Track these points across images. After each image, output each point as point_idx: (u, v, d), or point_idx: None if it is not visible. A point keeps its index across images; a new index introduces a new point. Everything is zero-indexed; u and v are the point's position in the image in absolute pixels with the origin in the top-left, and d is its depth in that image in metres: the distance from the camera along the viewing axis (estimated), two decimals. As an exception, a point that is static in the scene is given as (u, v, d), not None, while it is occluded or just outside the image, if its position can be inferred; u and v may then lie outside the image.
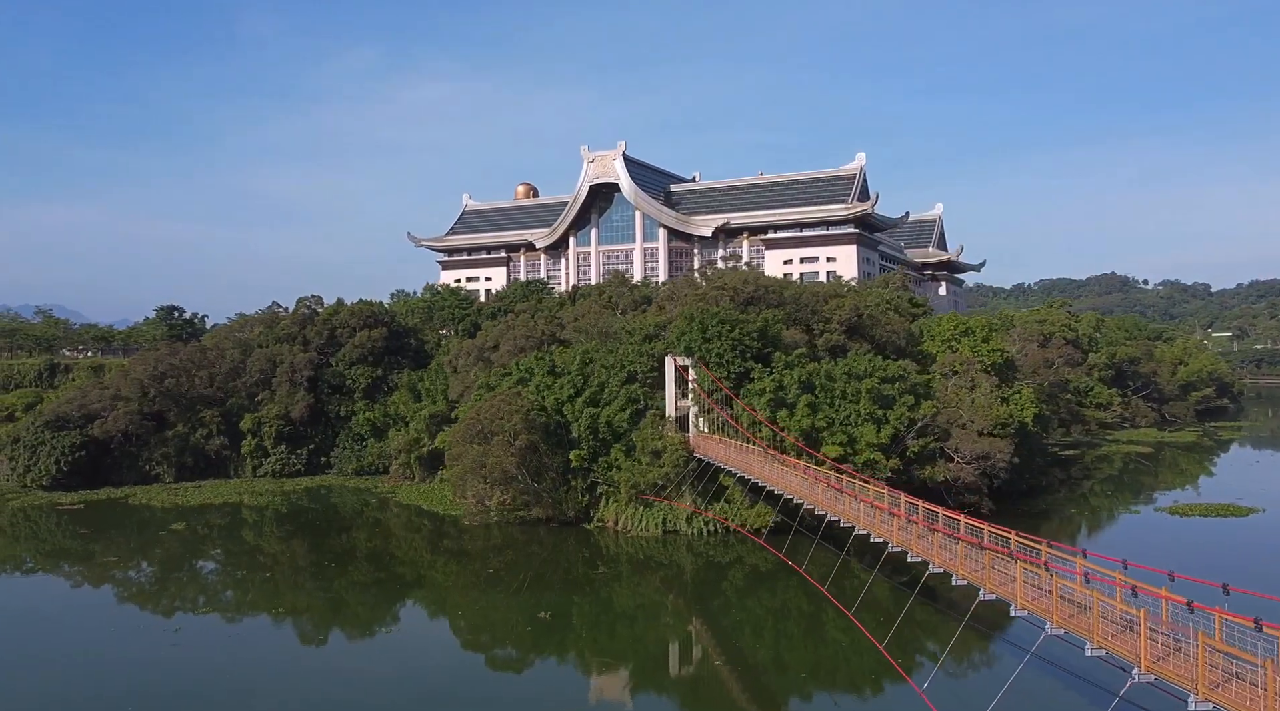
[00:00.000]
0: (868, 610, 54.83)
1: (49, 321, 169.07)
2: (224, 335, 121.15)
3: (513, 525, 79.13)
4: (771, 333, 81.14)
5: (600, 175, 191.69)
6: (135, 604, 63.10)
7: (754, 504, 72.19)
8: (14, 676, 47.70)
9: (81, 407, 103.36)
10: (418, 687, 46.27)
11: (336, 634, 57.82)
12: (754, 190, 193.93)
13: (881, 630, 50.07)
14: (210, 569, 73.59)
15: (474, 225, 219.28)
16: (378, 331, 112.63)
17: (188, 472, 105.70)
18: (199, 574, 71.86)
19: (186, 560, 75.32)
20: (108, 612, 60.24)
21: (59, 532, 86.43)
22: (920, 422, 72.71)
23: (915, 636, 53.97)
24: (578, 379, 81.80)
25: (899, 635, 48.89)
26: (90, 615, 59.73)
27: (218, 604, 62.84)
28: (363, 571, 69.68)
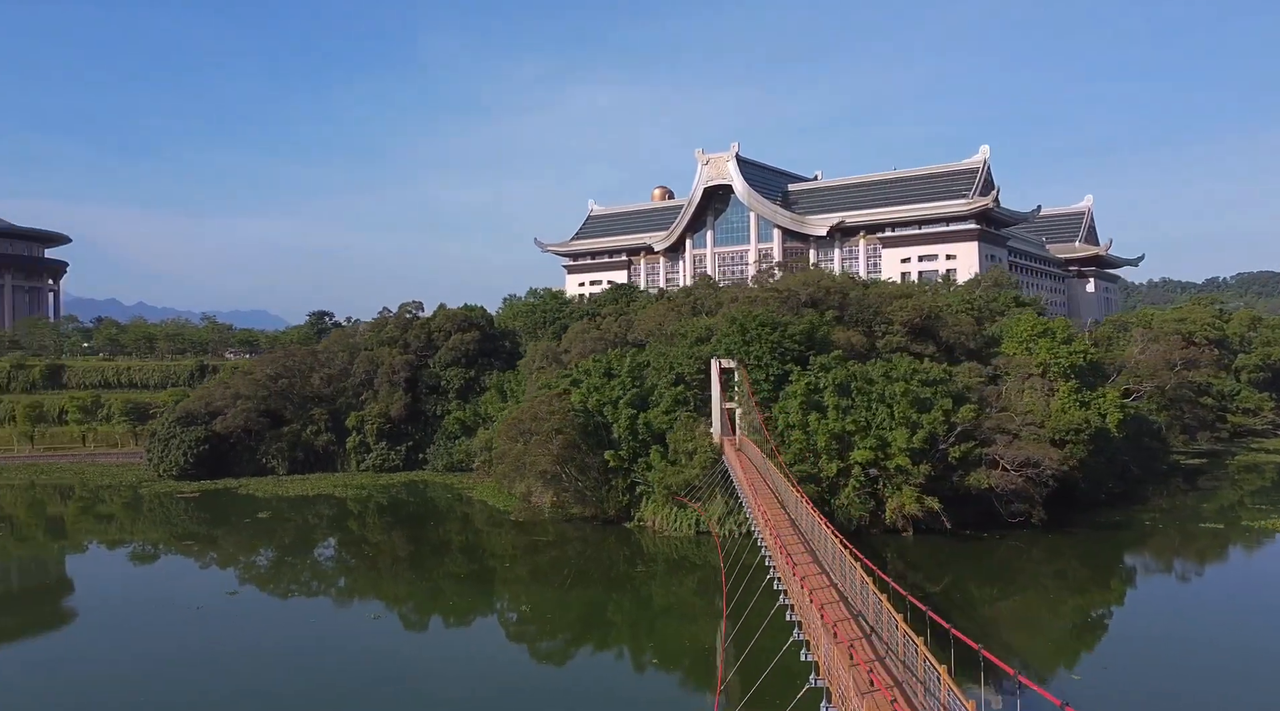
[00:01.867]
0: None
1: (210, 326, 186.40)
2: (336, 339, 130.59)
3: (560, 522, 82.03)
4: (819, 335, 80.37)
5: (714, 177, 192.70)
6: (254, 585, 68.23)
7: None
8: (165, 663, 50.07)
9: (207, 405, 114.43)
10: (460, 678, 47.96)
11: (401, 620, 61.62)
12: (871, 187, 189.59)
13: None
14: (325, 556, 78.65)
15: (598, 230, 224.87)
16: (470, 334, 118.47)
17: (299, 466, 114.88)
18: (313, 560, 77.04)
19: (300, 547, 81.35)
20: (233, 598, 64.01)
21: (186, 518, 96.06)
22: (959, 427, 70.25)
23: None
24: (627, 381, 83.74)
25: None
26: (217, 600, 63.25)
27: (329, 589, 67.76)
28: (438, 562, 73.83)
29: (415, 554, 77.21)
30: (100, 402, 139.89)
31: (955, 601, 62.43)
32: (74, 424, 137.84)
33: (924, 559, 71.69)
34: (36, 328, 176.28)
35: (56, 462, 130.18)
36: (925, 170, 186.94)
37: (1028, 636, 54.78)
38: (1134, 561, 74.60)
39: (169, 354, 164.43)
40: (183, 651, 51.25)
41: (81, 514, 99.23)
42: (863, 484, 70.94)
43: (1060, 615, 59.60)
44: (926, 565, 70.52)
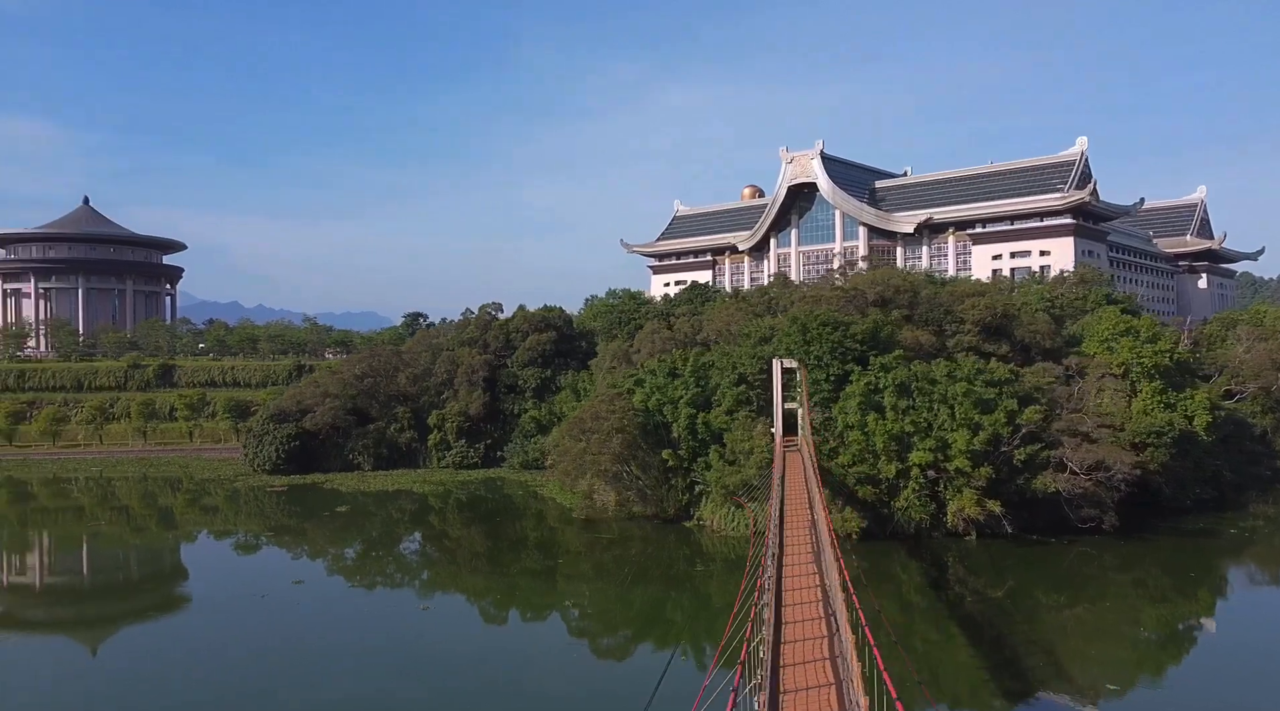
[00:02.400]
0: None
1: (310, 327, 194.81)
2: (420, 339, 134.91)
3: (622, 520, 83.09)
4: (883, 334, 79.19)
5: (798, 175, 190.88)
6: (342, 576, 71.31)
7: (841, 509, 71.26)
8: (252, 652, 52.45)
9: (299, 404, 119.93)
10: (523, 671, 49.06)
11: (474, 613, 63.76)
12: (961, 182, 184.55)
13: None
14: (409, 550, 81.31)
15: (683, 230, 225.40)
16: (546, 335, 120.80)
17: (383, 462, 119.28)
18: (396, 554, 79.83)
19: (384, 541, 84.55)
20: (322, 587, 67.32)
21: (277, 511, 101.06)
22: (1024, 429, 68.24)
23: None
24: (690, 381, 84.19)
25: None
26: (306, 589, 66.06)
27: (413, 582, 70.15)
28: (515, 558, 75.62)
29: (493, 549, 79.07)
30: (206, 400, 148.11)
31: (1020, 607, 60.88)
32: (182, 420, 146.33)
33: (986, 563, 69.92)
34: (153, 330, 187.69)
35: (165, 456, 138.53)
36: (1019, 163, 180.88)
37: (1102, 645, 52.71)
38: (1226, 570, 71.18)
39: (271, 354, 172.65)
40: (282, 635, 54.53)
41: (188, 506, 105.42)
42: (922, 486, 69.67)
43: (1140, 625, 57.29)
44: (988, 570, 68.80)
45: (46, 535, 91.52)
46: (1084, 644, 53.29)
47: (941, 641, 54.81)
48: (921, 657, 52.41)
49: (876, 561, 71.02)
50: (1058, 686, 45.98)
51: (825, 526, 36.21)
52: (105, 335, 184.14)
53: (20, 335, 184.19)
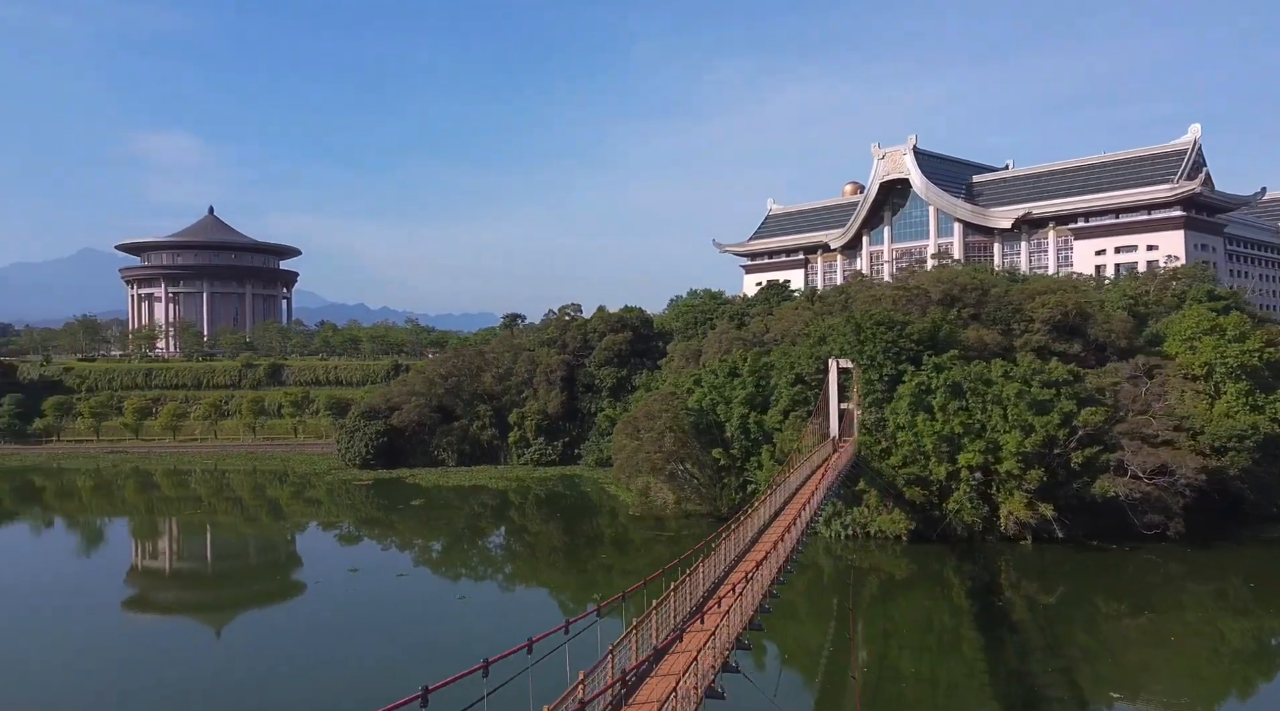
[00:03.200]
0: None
1: (412, 328, 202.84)
2: (502, 340, 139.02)
3: (680, 517, 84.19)
4: (941, 334, 77.79)
5: (890, 172, 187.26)
6: (427, 567, 75.35)
7: (890, 510, 70.63)
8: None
9: (387, 401, 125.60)
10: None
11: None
12: (1063, 175, 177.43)
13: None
14: (493, 543, 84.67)
15: (776, 229, 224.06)
16: (623, 335, 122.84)
17: (466, 458, 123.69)
18: (480, 547, 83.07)
19: (467, 534, 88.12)
20: (410, 576, 70.85)
21: (366, 504, 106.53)
22: (1080, 431, 66.02)
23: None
24: (748, 380, 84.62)
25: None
26: (396, 580, 69.57)
27: (495, 574, 73.20)
28: (591, 553, 77.72)
29: (570, 545, 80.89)
30: (310, 398, 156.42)
31: (1078, 615, 59.18)
32: (288, 417, 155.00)
33: (1041, 569, 68.15)
34: (267, 331, 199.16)
35: (271, 451, 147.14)
36: (1125, 154, 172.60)
37: (1173, 657, 50.98)
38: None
39: (373, 354, 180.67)
40: (388, 620, 57.81)
41: (293, 498, 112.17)
42: (973, 488, 68.30)
43: (1221, 638, 54.96)
44: (1042, 575, 67.04)
45: (172, 523, 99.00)
46: (1151, 654, 51.40)
47: (991, 646, 53.99)
48: (970, 663, 51.83)
49: (926, 564, 70.10)
50: (1125, 696, 44.74)
51: (795, 525, 36.88)
52: (224, 336, 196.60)
53: (150, 336, 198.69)
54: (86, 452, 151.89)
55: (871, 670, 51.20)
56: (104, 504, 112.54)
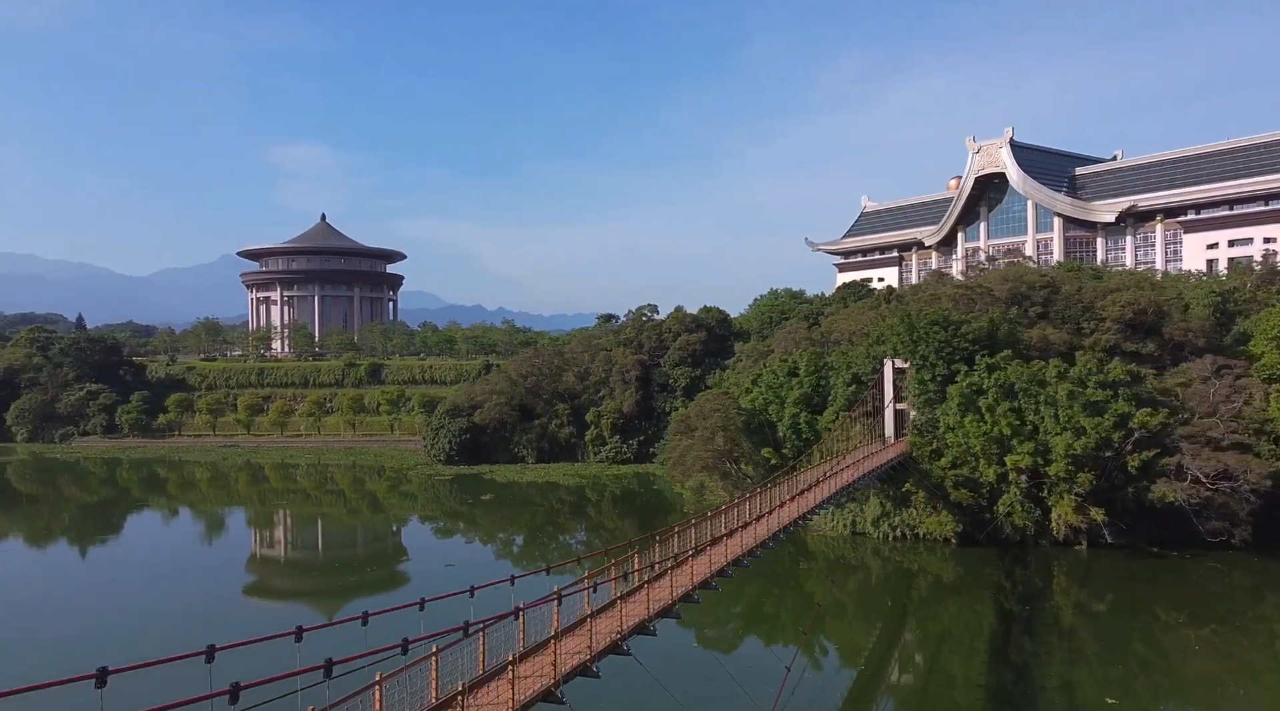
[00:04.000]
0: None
1: (508, 328, 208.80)
2: (581, 340, 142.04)
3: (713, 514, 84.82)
4: (1000, 333, 76.07)
5: (986, 166, 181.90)
6: (508, 561, 78.08)
7: (938, 512, 69.70)
8: None
9: (470, 400, 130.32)
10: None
11: None
12: (1173, 165, 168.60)
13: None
14: (575, 540, 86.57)
15: (870, 226, 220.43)
16: (697, 335, 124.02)
17: (544, 456, 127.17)
18: (559, 542, 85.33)
19: (547, 529, 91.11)
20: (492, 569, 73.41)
21: (450, 498, 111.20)
22: (1135, 433, 63.65)
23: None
24: (805, 380, 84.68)
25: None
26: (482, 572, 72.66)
27: (579, 570, 76.53)
28: (665, 551, 79.17)
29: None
30: (405, 397, 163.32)
31: (1134, 623, 57.71)
32: (384, 414, 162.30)
33: (1096, 574, 66.19)
34: (371, 332, 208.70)
35: (368, 447, 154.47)
36: (1242, 142, 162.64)
37: (1230, 671, 48.84)
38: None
39: (468, 354, 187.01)
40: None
41: (389, 491, 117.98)
42: (1024, 491, 66.72)
43: None
44: (1096, 581, 65.18)
45: (285, 514, 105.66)
46: (1213, 667, 49.42)
47: (1042, 653, 53.21)
48: (1018, 669, 51.31)
49: (974, 567, 68.92)
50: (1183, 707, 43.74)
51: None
52: (332, 337, 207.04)
53: (265, 337, 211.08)
54: (203, 446, 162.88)
55: (921, 674, 51.14)
56: (220, 495, 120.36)
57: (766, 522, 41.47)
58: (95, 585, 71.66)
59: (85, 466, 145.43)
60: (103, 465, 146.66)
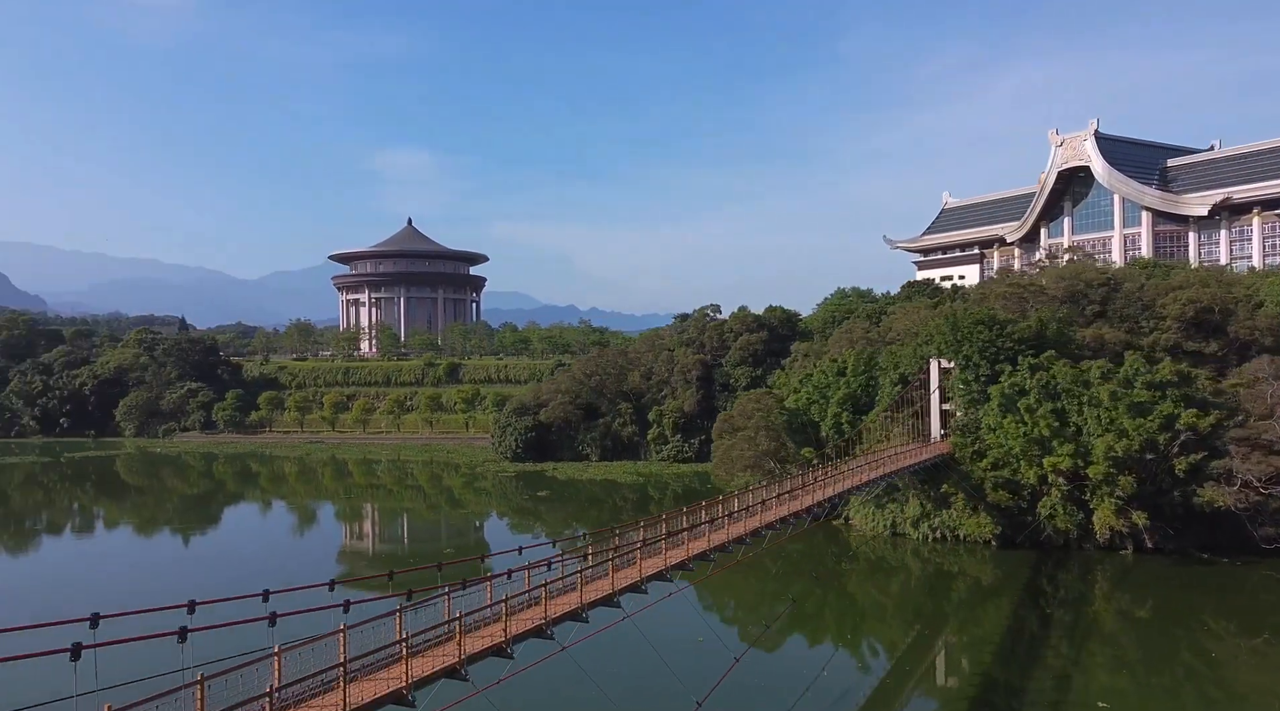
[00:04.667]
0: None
1: (584, 328, 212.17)
2: (644, 340, 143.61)
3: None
4: (1049, 332, 74.43)
5: (1069, 159, 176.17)
6: (576, 558, 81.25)
7: (977, 514, 68.71)
8: None
9: (536, 399, 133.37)
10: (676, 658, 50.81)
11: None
12: (1271, 154, 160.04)
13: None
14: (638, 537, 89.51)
15: (951, 223, 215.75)
16: (758, 335, 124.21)
17: (608, 453, 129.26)
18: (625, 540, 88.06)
19: (610, 524, 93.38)
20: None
21: (516, 494, 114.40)
22: (1182, 435, 61.57)
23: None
24: (853, 380, 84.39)
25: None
26: None
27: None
28: None
29: None
30: (480, 395, 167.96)
31: (1181, 631, 56.08)
32: (460, 413, 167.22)
33: (1140, 580, 64.38)
34: (452, 333, 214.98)
35: (444, 443, 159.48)
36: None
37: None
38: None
39: (544, 354, 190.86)
40: None
41: (464, 487, 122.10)
42: (1066, 494, 65.25)
43: None
44: (1140, 587, 63.43)
45: (372, 508, 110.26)
46: (1267, 679, 47.57)
47: (1084, 659, 52.50)
48: (1059, 675, 50.73)
49: (1015, 570, 67.77)
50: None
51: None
52: (415, 338, 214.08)
53: (352, 338, 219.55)
54: (291, 442, 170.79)
55: (961, 677, 50.83)
56: (309, 489, 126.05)
57: (759, 518, 41.95)
58: (191, 576, 74.09)
59: (185, 460, 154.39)
60: (200, 459, 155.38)
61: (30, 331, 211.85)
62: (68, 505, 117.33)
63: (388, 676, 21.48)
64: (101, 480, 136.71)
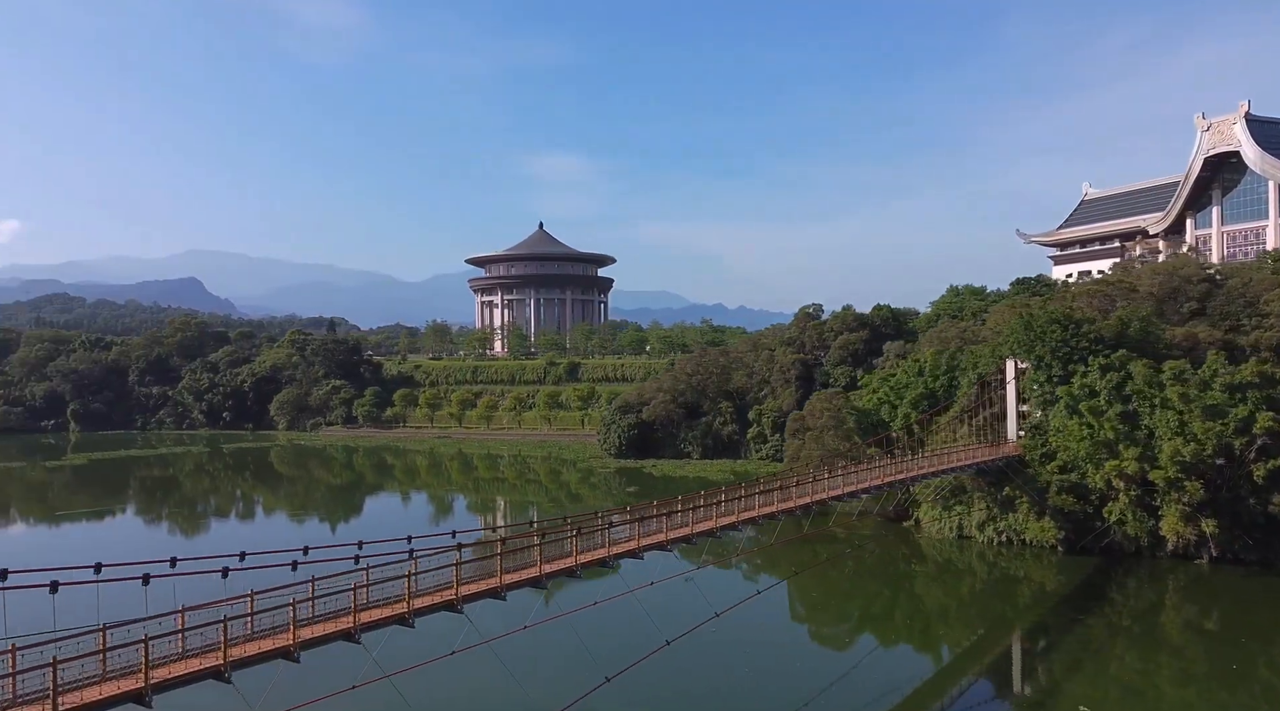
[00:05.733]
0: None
1: (704, 328, 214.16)
2: (745, 340, 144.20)
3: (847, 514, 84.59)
4: (1131, 331, 71.23)
5: (1217, 144, 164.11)
6: (674, 553, 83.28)
7: (1040, 518, 66.79)
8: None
9: (640, 397, 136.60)
10: (757, 655, 52.27)
11: None
12: None
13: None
14: (739, 534, 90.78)
15: (1090, 215, 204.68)
16: (858, 335, 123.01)
17: (709, 452, 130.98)
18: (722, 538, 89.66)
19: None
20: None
21: (618, 491, 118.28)
22: (1259, 440, 58.01)
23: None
24: (930, 380, 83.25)
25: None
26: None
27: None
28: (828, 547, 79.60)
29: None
30: (595, 394, 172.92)
31: (1258, 647, 53.77)
32: (576, 410, 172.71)
33: (1213, 591, 61.71)
34: (577, 333, 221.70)
35: (560, 440, 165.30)
36: None
37: None
38: None
39: (663, 353, 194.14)
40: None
41: (580, 482, 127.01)
42: (1134, 499, 62.59)
43: None
44: (1211, 598, 60.77)
45: (500, 501, 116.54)
46: None
47: (1147, 671, 51.57)
48: (1124, 686, 50.01)
49: (1081, 577, 66.02)
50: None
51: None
52: (542, 338, 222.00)
53: (482, 338, 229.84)
54: (421, 436, 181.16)
55: (1030, 684, 50.49)
56: (440, 481, 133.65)
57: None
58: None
59: (329, 453, 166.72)
60: (342, 452, 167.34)
61: (201, 333, 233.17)
62: (231, 492, 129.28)
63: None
64: (258, 469, 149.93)
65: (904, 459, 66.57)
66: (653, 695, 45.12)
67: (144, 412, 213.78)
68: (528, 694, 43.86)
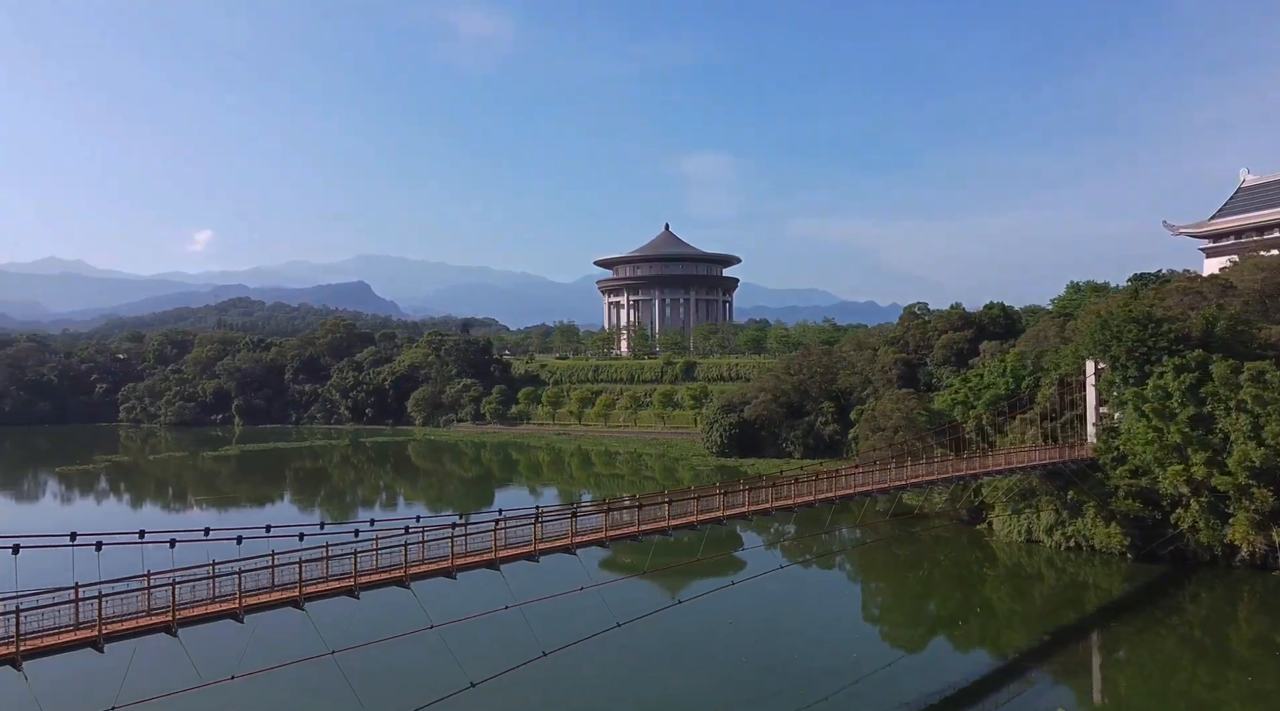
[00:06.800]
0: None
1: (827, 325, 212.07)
2: (849, 339, 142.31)
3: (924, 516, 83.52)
4: (1218, 330, 67.47)
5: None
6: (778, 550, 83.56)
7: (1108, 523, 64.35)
8: None
9: (743, 397, 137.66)
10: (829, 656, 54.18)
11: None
12: None
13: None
14: (841, 531, 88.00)
15: (1248, 203, 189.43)
16: (962, 334, 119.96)
17: (810, 452, 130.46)
18: (829, 537, 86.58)
19: (812, 523, 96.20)
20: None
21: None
22: (1338, 446, 54.17)
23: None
24: (1011, 380, 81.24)
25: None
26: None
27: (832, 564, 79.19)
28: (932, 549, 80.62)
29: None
30: (708, 393, 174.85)
31: None
32: (688, 409, 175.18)
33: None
34: (700, 333, 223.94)
35: (672, 438, 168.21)
36: None
37: None
38: None
39: (778, 352, 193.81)
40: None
41: (693, 480, 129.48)
42: (1206, 506, 59.53)
43: None
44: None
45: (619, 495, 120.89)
46: None
47: (1215, 685, 50.60)
48: (1191, 701, 49.21)
49: (1149, 585, 64.24)
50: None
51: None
52: (665, 338, 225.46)
53: (607, 339, 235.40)
54: (543, 433, 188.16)
55: (1097, 693, 50.10)
56: (561, 476, 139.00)
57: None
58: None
59: (460, 448, 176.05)
60: (471, 447, 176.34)
61: (349, 334, 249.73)
62: (375, 483, 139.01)
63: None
64: (397, 463, 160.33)
65: (965, 457, 65.72)
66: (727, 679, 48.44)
67: (297, 408, 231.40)
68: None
